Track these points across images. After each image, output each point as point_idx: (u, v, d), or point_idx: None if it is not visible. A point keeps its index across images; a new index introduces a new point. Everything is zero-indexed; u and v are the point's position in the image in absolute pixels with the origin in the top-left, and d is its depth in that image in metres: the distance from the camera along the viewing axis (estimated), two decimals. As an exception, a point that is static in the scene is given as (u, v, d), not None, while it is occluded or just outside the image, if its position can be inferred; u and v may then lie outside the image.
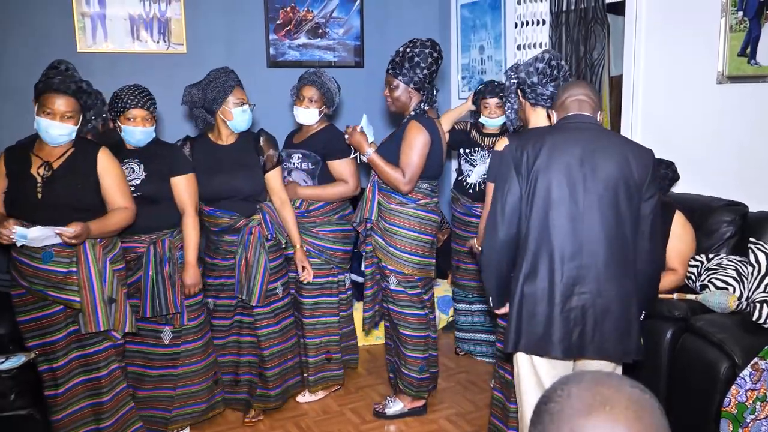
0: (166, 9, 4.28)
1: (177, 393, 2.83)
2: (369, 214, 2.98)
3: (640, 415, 0.79)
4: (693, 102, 3.36)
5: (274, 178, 2.94)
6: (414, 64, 2.87)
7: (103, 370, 2.56)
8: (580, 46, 3.94)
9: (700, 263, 2.80)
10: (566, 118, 2.12)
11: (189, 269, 2.74)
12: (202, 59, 4.28)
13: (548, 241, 2.00)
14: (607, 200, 1.98)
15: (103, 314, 2.46)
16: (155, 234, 2.70)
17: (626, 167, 2.00)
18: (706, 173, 3.06)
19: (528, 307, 2.03)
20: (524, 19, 4.17)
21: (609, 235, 1.99)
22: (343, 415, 3.15)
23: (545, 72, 2.35)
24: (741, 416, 2.23)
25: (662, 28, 3.50)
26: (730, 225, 2.98)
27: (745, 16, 3.06)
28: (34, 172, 2.41)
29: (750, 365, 2.29)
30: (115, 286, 2.52)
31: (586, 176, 1.98)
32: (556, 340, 2.00)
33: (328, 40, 4.80)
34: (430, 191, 3.00)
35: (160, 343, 2.79)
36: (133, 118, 2.63)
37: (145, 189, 2.66)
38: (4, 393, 2.46)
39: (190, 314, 2.81)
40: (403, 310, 2.99)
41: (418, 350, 3.03)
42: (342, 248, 3.18)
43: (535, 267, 2.02)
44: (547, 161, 2.00)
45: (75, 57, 4.09)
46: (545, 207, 2.00)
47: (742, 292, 2.64)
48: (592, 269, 1.99)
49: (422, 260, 2.97)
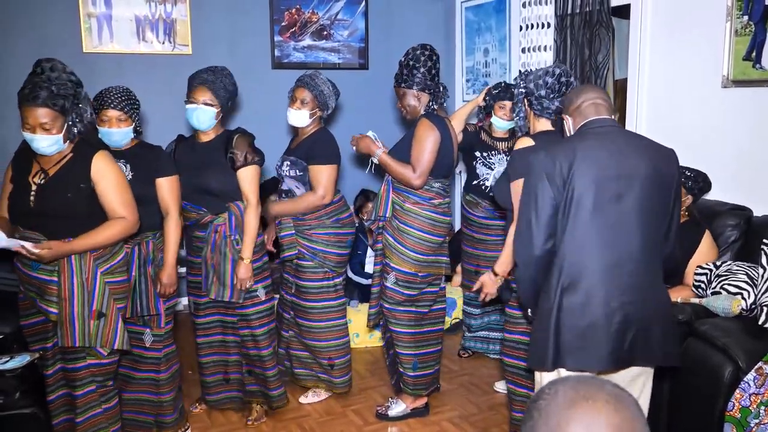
0: (172, 10, 4.30)
1: (158, 399, 2.82)
2: (384, 212, 3.01)
3: (618, 408, 0.88)
4: (698, 106, 3.36)
5: (242, 178, 2.85)
6: (411, 67, 2.96)
7: (78, 389, 2.44)
8: (585, 49, 3.94)
9: (709, 270, 2.79)
10: (588, 123, 2.07)
11: (167, 269, 2.72)
12: (207, 60, 4.25)
13: (588, 251, 1.95)
14: (642, 205, 1.96)
15: (80, 329, 2.35)
16: (139, 235, 2.65)
17: (656, 169, 1.98)
18: (710, 177, 3.06)
19: (568, 322, 1.95)
20: (529, 22, 4.18)
21: (647, 240, 1.97)
22: (346, 416, 3.15)
23: (554, 87, 2.35)
24: (745, 420, 2.23)
25: (667, 31, 3.50)
26: (735, 229, 2.98)
27: (750, 20, 3.06)
28: (31, 180, 2.35)
29: (754, 369, 2.29)
30: (107, 299, 2.41)
31: (621, 183, 1.95)
32: (606, 353, 1.93)
33: (332, 41, 4.81)
34: (443, 191, 3.02)
35: (142, 344, 2.76)
36: (108, 119, 2.61)
37: (131, 189, 2.58)
38: (9, 392, 2.47)
39: (166, 317, 2.79)
40: (393, 307, 3.02)
41: (410, 347, 3.07)
42: (336, 251, 3.16)
43: (574, 279, 1.95)
44: (581, 170, 1.94)
45: (81, 57, 4.12)
46: (583, 217, 1.94)
47: (755, 297, 2.63)
48: (634, 277, 1.96)
49: (430, 258, 3.00)
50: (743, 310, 2.60)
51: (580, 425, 0.87)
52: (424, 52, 2.96)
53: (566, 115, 2.18)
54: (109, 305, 2.42)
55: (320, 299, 3.16)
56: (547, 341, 1.98)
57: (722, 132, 3.25)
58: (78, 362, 2.43)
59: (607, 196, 1.94)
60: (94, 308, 2.37)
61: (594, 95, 2.11)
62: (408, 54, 2.99)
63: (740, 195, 3.12)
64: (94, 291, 2.38)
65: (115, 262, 2.48)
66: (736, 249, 2.95)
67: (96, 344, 2.40)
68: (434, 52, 2.99)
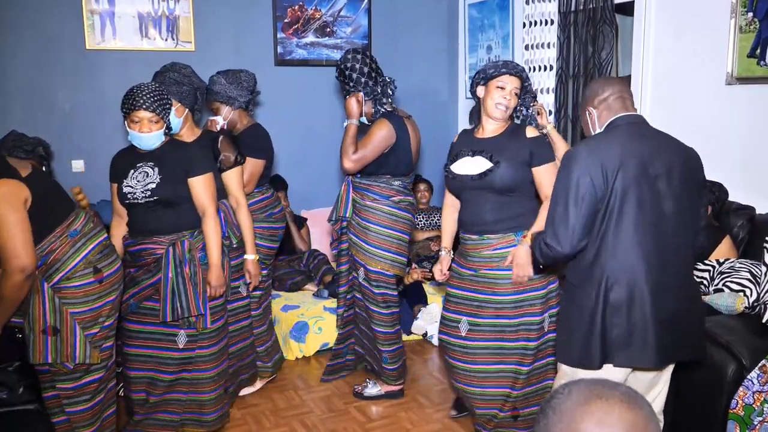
0: (175, 7, 4.30)
1: (188, 398, 2.75)
2: (344, 212, 3.10)
3: (632, 407, 0.89)
4: (702, 103, 3.35)
5: (229, 178, 2.85)
6: (348, 75, 2.99)
7: (56, 416, 2.41)
8: (589, 46, 3.93)
9: (712, 267, 2.79)
10: (619, 119, 2.04)
11: (213, 270, 2.65)
12: (210, 57, 4.29)
13: (634, 250, 1.92)
14: (680, 202, 1.96)
15: (33, 346, 2.28)
16: (174, 235, 2.59)
17: (689, 167, 1.99)
18: (714, 174, 3.05)
19: (616, 319, 1.93)
20: (532, 19, 4.17)
21: (685, 237, 1.99)
22: (349, 413, 3.15)
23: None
24: (748, 418, 2.22)
25: (671, 28, 3.49)
26: (740, 229, 2.98)
27: (755, 16, 3.05)
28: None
29: (758, 367, 2.28)
30: (59, 313, 2.29)
31: (661, 181, 1.94)
32: (654, 349, 1.92)
33: (335, 38, 4.81)
34: (403, 188, 3.08)
35: (174, 347, 2.66)
36: (139, 120, 2.49)
37: (160, 192, 2.54)
38: (12, 386, 2.47)
39: (212, 316, 2.69)
40: (371, 307, 3.11)
41: (390, 344, 3.16)
42: (267, 245, 3.22)
43: (619, 277, 1.93)
44: (626, 167, 1.91)
45: (83, 54, 4.12)
46: (628, 216, 1.92)
47: (758, 294, 2.62)
48: (676, 275, 1.97)
49: (396, 257, 3.07)
50: (746, 308, 2.59)
51: (593, 421, 0.88)
52: (356, 56, 3.00)
53: (591, 108, 2.11)
54: (63, 320, 2.30)
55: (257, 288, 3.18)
56: (591, 339, 1.96)
57: (726, 129, 3.24)
58: (47, 392, 2.39)
59: (649, 195, 1.93)
60: (49, 324, 2.28)
61: (618, 87, 2.08)
62: (345, 61, 3.01)
63: (744, 192, 3.11)
64: (44, 306, 2.28)
65: (66, 272, 2.30)
66: (741, 248, 2.95)
67: (50, 360, 2.31)
68: (366, 54, 3.05)
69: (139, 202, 2.56)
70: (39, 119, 4.04)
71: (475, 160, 2.56)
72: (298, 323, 3.73)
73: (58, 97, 4.14)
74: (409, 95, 4.64)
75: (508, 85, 2.51)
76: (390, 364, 3.18)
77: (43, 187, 2.30)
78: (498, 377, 2.64)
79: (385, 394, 3.24)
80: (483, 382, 2.65)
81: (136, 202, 2.56)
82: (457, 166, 2.61)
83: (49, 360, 2.30)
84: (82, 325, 2.34)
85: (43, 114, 4.09)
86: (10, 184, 2.16)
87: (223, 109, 3.08)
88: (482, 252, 2.59)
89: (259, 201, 3.18)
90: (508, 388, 2.64)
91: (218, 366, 2.77)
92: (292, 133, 4.61)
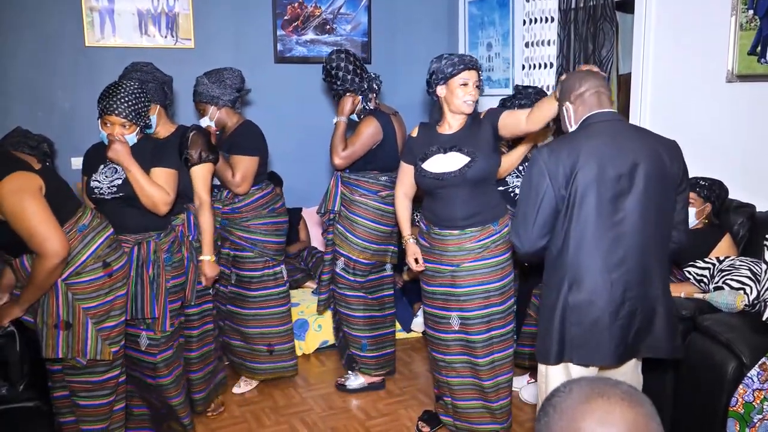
0: (174, 4, 4.29)
1: (169, 403, 2.76)
2: (333, 206, 3.20)
3: (633, 405, 0.89)
4: (702, 101, 3.35)
5: (195, 176, 2.77)
6: (335, 75, 3.11)
7: (62, 417, 2.49)
8: (589, 43, 3.92)
9: (712, 265, 2.78)
10: (591, 117, 2.05)
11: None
12: (209, 54, 4.28)
13: (593, 250, 1.95)
14: (647, 201, 1.95)
15: (45, 341, 2.30)
16: (140, 235, 2.57)
17: (661, 163, 1.98)
18: (714, 172, 3.05)
19: (573, 318, 1.97)
20: (533, 16, 4.16)
21: (652, 236, 1.98)
22: (349, 411, 3.15)
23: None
24: (748, 416, 2.22)
25: (671, 26, 3.48)
26: (740, 226, 2.97)
27: (755, 14, 3.04)
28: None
29: (758, 365, 2.28)
30: (71, 308, 2.30)
31: (623, 180, 1.94)
32: (612, 348, 1.96)
33: (335, 36, 4.80)
34: (390, 183, 3.16)
35: (137, 348, 2.66)
36: (111, 124, 2.48)
37: (126, 189, 2.51)
38: (13, 383, 2.46)
39: (171, 320, 2.66)
40: (344, 292, 3.24)
41: (357, 329, 3.27)
42: (275, 240, 3.23)
43: (579, 277, 1.96)
44: (584, 171, 1.93)
45: (83, 52, 4.11)
46: (587, 216, 1.94)
47: (759, 292, 2.62)
48: (639, 273, 1.97)
49: (379, 247, 3.21)
50: (747, 306, 2.59)
51: (594, 419, 0.88)
52: (340, 55, 3.10)
53: (568, 103, 2.13)
54: (75, 314, 2.31)
55: (262, 288, 3.22)
56: (551, 336, 2.01)
57: (726, 127, 3.23)
58: (56, 391, 2.46)
59: (610, 195, 1.94)
60: (62, 318, 2.30)
61: (596, 83, 2.09)
62: (330, 62, 3.11)
63: (744, 190, 3.11)
64: (57, 300, 2.30)
65: (78, 266, 2.33)
66: (741, 246, 2.95)
67: (60, 356, 2.33)
68: (348, 52, 3.14)
69: (105, 198, 2.53)
70: (39, 118, 4.03)
71: (450, 156, 2.57)
72: (298, 321, 3.74)
73: (58, 96, 4.13)
74: (408, 92, 4.63)
75: (470, 80, 2.57)
76: (369, 352, 3.27)
77: (54, 181, 2.33)
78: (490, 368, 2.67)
79: (368, 386, 3.33)
80: (473, 373, 2.70)
81: (102, 197, 2.54)
82: (431, 164, 2.60)
83: (60, 355, 2.32)
84: (95, 320, 2.36)
85: (43, 113, 4.08)
86: (25, 176, 2.19)
87: (208, 109, 3.10)
88: (464, 245, 2.60)
89: (260, 198, 3.19)
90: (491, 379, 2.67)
91: (177, 368, 2.76)
92: (292, 131, 4.60)
